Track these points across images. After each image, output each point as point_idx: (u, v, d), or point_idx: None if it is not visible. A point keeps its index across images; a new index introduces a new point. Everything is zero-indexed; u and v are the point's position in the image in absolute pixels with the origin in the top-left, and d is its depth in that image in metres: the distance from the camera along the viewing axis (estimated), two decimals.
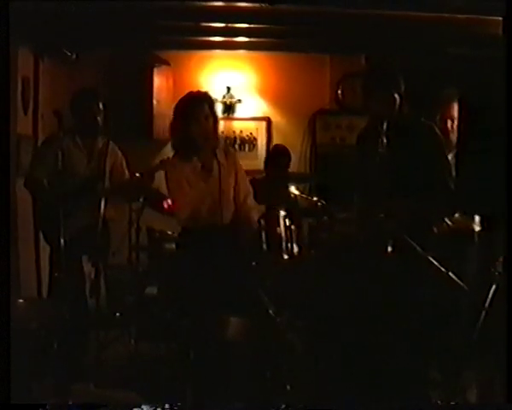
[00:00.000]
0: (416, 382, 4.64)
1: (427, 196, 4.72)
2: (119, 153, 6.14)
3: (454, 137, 5.85)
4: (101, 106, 5.94)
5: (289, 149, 7.40)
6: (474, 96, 6.16)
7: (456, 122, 5.80)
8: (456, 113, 5.78)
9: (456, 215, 5.36)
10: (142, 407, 4.06)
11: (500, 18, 4.61)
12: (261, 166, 7.47)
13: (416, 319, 4.61)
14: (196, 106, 5.24)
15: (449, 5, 5.84)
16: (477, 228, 5.21)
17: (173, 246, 6.12)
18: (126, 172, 6.08)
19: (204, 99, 5.31)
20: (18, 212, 6.23)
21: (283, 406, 4.43)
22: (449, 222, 5.34)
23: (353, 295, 4.67)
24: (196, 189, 5.26)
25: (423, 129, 4.91)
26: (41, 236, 6.18)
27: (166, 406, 4.13)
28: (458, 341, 4.81)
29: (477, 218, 5.22)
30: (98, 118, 5.92)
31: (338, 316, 4.79)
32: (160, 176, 5.68)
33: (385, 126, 4.70)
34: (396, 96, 4.88)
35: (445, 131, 5.81)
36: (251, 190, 5.64)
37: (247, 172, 7.15)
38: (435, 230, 5.08)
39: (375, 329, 4.57)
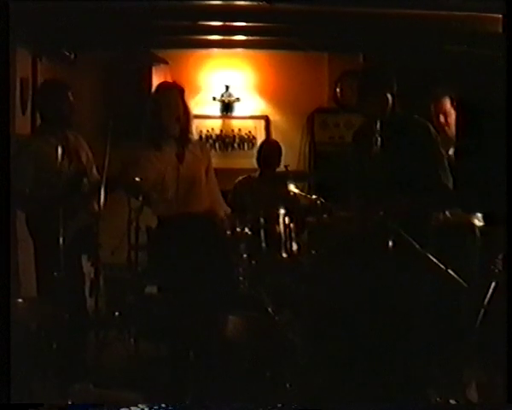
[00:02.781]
0: (416, 380, 4.64)
1: (423, 194, 4.73)
2: (87, 146, 5.87)
3: (452, 130, 5.86)
4: (70, 96, 5.64)
5: (284, 146, 7.41)
6: (472, 95, 6.16)
7: (449, 118, 5.81)
8: (449, 108, 5.79)
9: (459, 211, 5.37)
10: (143, 406, 4.06)
11: (500, 16, 4.61)
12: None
13: (416, 317, 4.61)
14: (166, 93, 5.40)
15: (448, 3, 5.84)
16: (478, 223, 5.21)
17: None
18: (94, 167, 5.85)
19: (174, 87, 5.49)
20: (16, 211, 6.21)
21: (279, 405, 4.42)
22: (449, 215, 5.34)
23: (353, 294, 4.67)
24: (167, 176, 5.29)
25: (417, 127, 4.92)
26: None
27: (167, 406, 4.13)
28: (457, 339, 4.81)
29: (477, 214, 5.23)
30: (67, 111, 5.61)
31: (337, 314, 4.78)
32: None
33: (379, 126, 4.71)
34: (388, 95, 4.90)
35: (442, 124, 5.83)
36: (218, 186, 5.74)
37: (247, 171, 7.21)
38: (434, 226, 5.09)
39: (375, 327, 4.57)
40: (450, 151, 5.75)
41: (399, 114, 4.96)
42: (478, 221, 5.20)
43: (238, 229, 5.49)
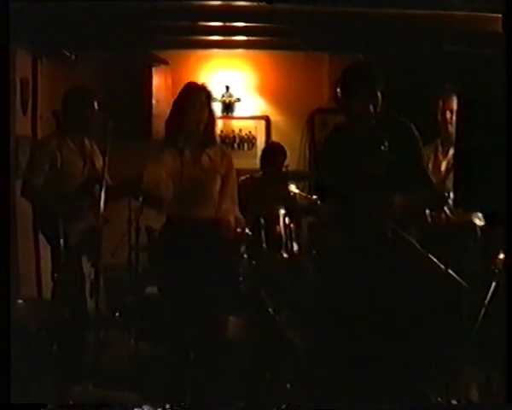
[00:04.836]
0: (416, 380, 4.63)
1: (413, 192, 4.70)
2: (99, 154, 5.88)
3: (453, 130, 5.84)
4: (95, 105, 5.77)
5: (285, 147, 7.40)
6: (472, 94, 6.16)
7: (455, 115, 5.80)
8: (455, 106, 5.77)
9: (459, 211, 5.37)
10: (144, 407, 4.06)
11: (500, 15, 4.60)
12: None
13: (417, 317, 4.61)
14: (192, 94, 5.29)
15: (448, 3, 5.83)
16: (478, 223, 5.21)
17: None
18: (106, 174, 5.92)
19: (201, 89, 5.35)
20: (17, 212, 6.22)
21: (284, 406, 4.42)
22: (450, 215, 5.34)
23: (353, 293, 4.66)
24: (178, 177, 5.24)
25: (399, 126, 4.85)
26: (41, 236, 6.16)
27: (168, 406, 4.13)
28: (458, 339, 4.81)
29: (478, 214, 5.22)
30: (88, 117, 5.74)
31: (337, 314, 4.78)
32: None
33: (364, 125, 4.71)
34: (375, 94, 4.82)
35: (445, 123, 5.81)
36: (236, 200, 5.58)
37: (247, 171, 7.19)
38: (434, 226, 5.10)
39: (376, 327, 4.56)
40: (451, 150, 5.75)
41: (382, 114, 4.88)
42: (479, 221, 5.20)
43: (238, 229, 5.47)
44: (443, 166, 5.80)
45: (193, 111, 5.19)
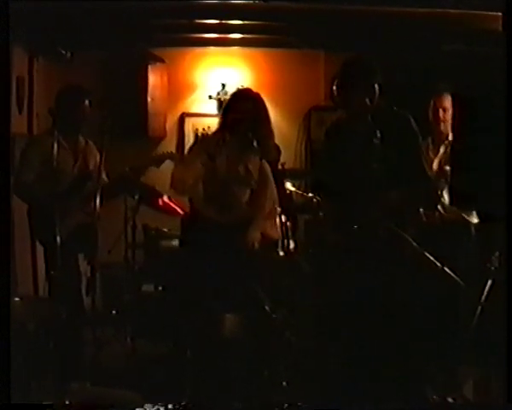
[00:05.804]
0: (413, 378, 4.64)
1: (411, 187, 4.71)
2: (97, 152, 5.85)
3: (446, 127, 5.86)
4: (86, 103, 5.76)
5: (281, 145, 7.40)
6: (472, 93, 6.19)
7: (448, 113, 5.82)
8: (448, 104, 5.79)
9: (454, 209, 5.39)
10: (145, 406, 4.07)
11: (499, 13, 4.60)
12: None
13: (413, 315, 4.61)
14: (235, 101, 5.37)
15: (447, 1, 5.83)
16: (473, 221, 5.23)
17: (170, 243, 6.15)
18: (103, 172, 5.91)
19: (249, 97, 5.44)
20: (13, 209, 6.21)
21: (286, 405, 4.43)
22: (444, 213, 5.36)
23: (350, 292, 4.67)
24: (208, 180, 5.27)
25: (398, 119, 4.84)
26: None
27: (170, 406, 4.14)
28: (454, 336, 4.82)
29: (472, 212, 5.24)
30: (81, 115, 5.75)
31: (334, 312, 4.79)
32: (155, 174, 5.69)
33: (361, 119, 4.71)
34: (372, 88, 4.80)
35: (437, 121, 5.83)
36: (266, 216, 5.60)
37: None
38: (429, 223, 5.11)
39: (372, 325, 4.57)
40: (442, 148, 5.77)
41: (380, 107, 4.86)
42: (473, 219, 5.22)
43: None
44: (434, 165, 5.82)
45: (232, 118, 5.20)
